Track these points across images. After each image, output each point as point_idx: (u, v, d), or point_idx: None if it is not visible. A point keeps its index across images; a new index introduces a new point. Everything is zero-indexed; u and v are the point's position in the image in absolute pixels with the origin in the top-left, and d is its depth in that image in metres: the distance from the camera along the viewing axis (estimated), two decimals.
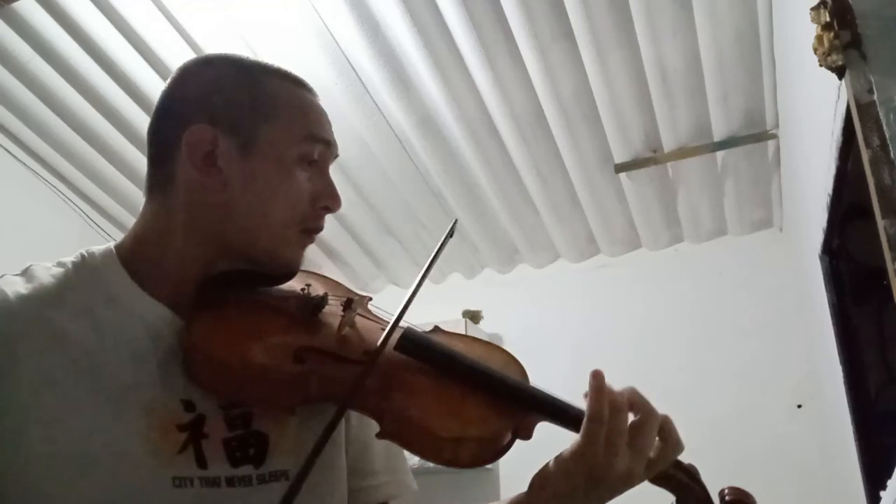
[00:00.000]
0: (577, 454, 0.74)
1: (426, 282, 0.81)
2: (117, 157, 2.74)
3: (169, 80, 0.84)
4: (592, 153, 2.63)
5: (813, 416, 2.60)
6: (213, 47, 2.31)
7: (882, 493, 1.26)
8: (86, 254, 0.80)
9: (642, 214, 2.91)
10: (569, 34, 2.20)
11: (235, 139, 0.78)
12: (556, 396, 0.82)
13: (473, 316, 3.09)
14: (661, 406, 0.81)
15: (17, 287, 0.75)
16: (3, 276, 0.76)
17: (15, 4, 2.19)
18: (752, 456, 2.50)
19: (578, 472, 0.74)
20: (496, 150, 2.65)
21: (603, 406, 0.74)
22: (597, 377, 0.76)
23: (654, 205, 2.87)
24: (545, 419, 0.81)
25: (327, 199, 0.82)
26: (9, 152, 2.71)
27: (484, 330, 3.11)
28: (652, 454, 0.76)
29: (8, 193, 2.68)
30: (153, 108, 0.85)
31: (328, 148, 0.83)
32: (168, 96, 0.83)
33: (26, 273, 0.77)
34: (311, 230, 0.82)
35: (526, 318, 3.11)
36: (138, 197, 2.92)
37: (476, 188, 2.84)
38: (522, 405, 0.80)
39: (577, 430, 0.77)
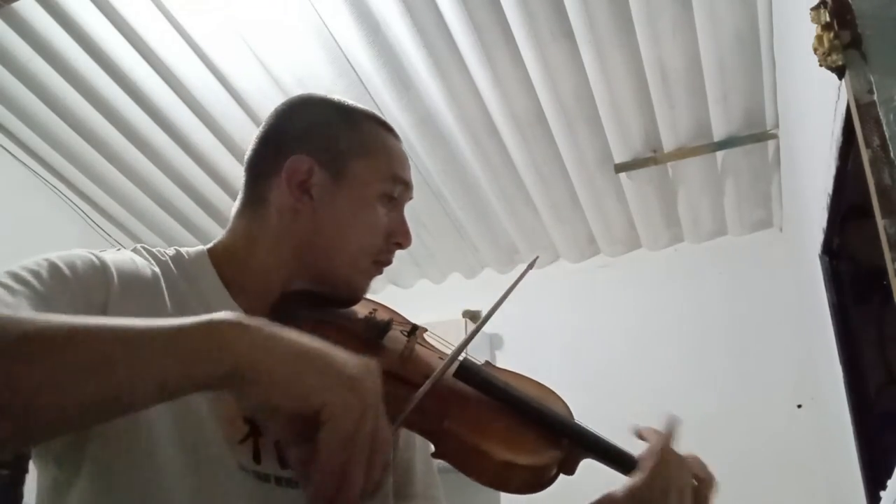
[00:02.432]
0: (637, 489, 0.79)
1: (426, 281, 0.83)
2: (117, 157, 2.75)
3: (273, 113, 0.93)
4: (592, 153, 2.64)
5: (813, 416, 2.60)
6: (213, 47, 2.32)
7: (882, 493, 1.26)
8: (182, 251, 0.88)
9: (642, 214, 2.91)
10: (569, 34, 2.20)
11: (329, 171, 0.87)
12: (602, 436, 0.86)
13: (473, 316, 3.09)
14: (660, 406, 0.82)
15: (143, 261, 0.83)
16: (121, 250, 0.84)
17: (15, 4, 2.19)
18: (752, 456, 2.50)
19: None
20: (496, 150, 2.65)
21: (664, 449, 0.82)
22: (657, 430, 0.84)
23: (654, 205, 2.87)
24: (590, 457, 0.85)
25: (400, 236, 0.90)
26: (9, 152, 2.71)
27: (484, 330, 3.10)
28: (695, 495, 0.83)
29: (8, 193, 2.68)
30: (152, 106, 0.88)
31: (406, 189, 0.92)
32: (272, 127, 0.92)
33: (138, 252, 0.85)
34: (381, 262, 0.90)
35: (525, 318, 3.10)
36: (138, 197, 2.93)
37: (476, 188, 2.84)
38: (570, 440, 0.84)
39: (620, 469, 0.83)
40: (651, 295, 3.00)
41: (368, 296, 0.94)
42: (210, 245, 0.90)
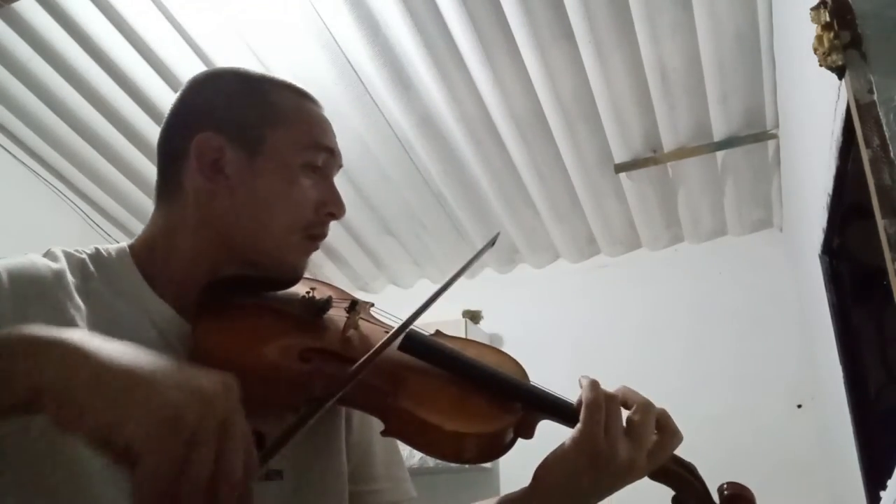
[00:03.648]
0: (579, 440, 0.77)
1: (426, 281, 0.82)
2: (117, 157, 2.75)
3: (178, 93, 0.86)
4: (592, 153, 2.64)
5: (813, 415, 2.60)
6: (213, 47, 2.32)
7: (882, 493, 1.26)
8: (101, 249, 0.82)
9: (642, 214, 2.91)
10: (569, 34, 2.20)
11: (242, 147, 0.81)
12: (556, 394, 0.83)
13: (473, 316, 3.09)
14: (660, 405, 0.82)
15: (45, 262, 0.77)
16: (27, 254, 0.79)
17: (15, 4, 2.19)
18: (752, 456, 2.50)
19: (581, 459, 0.76)
20: (496, 150, 2.65)
21: (598, 393, 0.78)
22: (586, 377, 0.81)
23: (654, 205, 2.87)
24: (547, 417, 0.83)
25: (332, 206, 0.84)
26: (9, 152, 2.71)
27: (484, 330, 3.11)
28: (652, 446, 0.78)
29: (8, 193, 2.68)
30: (152, 107, 0.86)
31: (332, 156, 0.86)
32: (177, 108, 0.85)
33: (48, 254, 0.79)
34: (315, 236, 0.84)
35: (526, 318, 3.11)
36: (138, 197, 2.93)
37: (476, 188, 2.84)
38: (524, 403, 0.82)
39: None
40: (651, 295, 3.01)
41: (368, 296, 0.93)
42: (131, 241, 0.85)
